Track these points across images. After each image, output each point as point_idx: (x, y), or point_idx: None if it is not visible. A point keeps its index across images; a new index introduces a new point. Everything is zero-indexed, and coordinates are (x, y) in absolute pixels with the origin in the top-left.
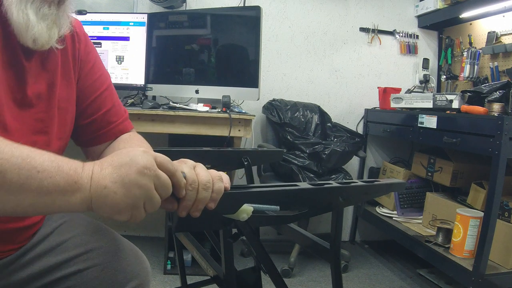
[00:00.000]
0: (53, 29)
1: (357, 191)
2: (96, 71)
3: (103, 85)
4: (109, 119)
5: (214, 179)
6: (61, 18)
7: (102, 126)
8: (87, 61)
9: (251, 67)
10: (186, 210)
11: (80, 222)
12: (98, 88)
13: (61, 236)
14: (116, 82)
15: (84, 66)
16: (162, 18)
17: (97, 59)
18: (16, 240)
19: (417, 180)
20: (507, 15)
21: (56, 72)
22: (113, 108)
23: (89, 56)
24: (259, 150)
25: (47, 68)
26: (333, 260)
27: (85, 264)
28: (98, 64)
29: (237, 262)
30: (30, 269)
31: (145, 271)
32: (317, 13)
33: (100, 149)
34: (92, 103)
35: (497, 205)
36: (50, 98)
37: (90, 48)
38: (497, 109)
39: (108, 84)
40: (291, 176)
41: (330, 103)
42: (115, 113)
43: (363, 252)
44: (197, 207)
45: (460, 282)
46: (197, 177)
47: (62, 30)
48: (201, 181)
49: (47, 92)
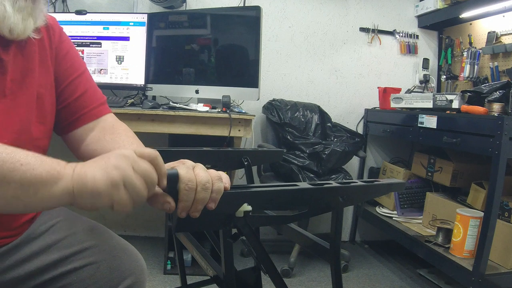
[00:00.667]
0: (28, 20)
1: (357, 191)
2: (69, 59)
3: (77, 71)
4: (83, 103)
5: (214, 179)
6: (36, 11)
7: (76, 111)
8: (61, 49)
9: (251, 67)
10: (185, 210)
11: (75, 220)
12: (71, 74)
13: (56, 235)
14: (116, 82)
15: (58, 53)
16: (162, 18)
17: (71, 48)
18: (10, 225)
19: (417, 180)
20: (507, 15)
21: (34, 59)
22: (87, 93)
23: (63, 45)
24: (259, 150)
25: (25, 56)
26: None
27: (80, 262)
28: (73, 52)
29: (237, 262)
30: (26, 267)
31: (140, 269)
32: (317, 13)
33: (78, 134)
34: (66, 89)
35: (497, 205)
36: (29, 84)
37: (64, 38)
38: (497, 109)
39: (82, 70)
40: (291, 176)
41: (330, 103)
42: (89, 98)
43: (363, 252)
44: (196, 208)
45: (460, 282)
46: (196, 177)
47: (38, 22)
48: (200, 182)
49: (26, 78)
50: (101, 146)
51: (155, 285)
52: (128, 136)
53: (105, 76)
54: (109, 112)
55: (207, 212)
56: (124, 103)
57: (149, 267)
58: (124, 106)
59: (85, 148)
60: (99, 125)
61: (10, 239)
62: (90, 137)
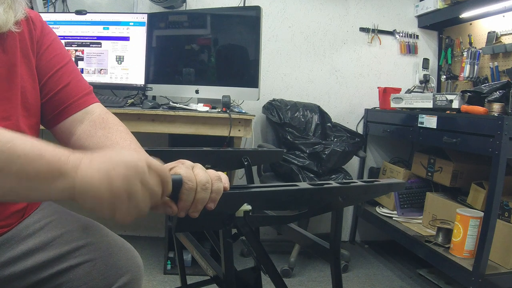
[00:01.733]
0: (9, 13)
1: (357, 191)
2: (52, 51)
3: (60, 63)
4: (68, 94)
5: (213, 180)
6: (16, 3)
7: (61, 102)
8: (43, 43)
9: (251, 67)
10: (185, 210)
11: (71, 218)
12: (54, 66)
13: (52, 233)
14: (116, 82)
15: (41, 47)
16: (162, 18)
17: (54, 41)
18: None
19: (417, 180)
20: (507, 15)
21: (16, 53)
22: (71, 84)
23: (45, 38)
24: (259, 150)
25: (7, 50)
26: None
27: (76, 260)
28: (56, 45)
29: (237, 262)
30: (21, 265)
31: (137, 266)
32: (317, 13)
33: (65, 127)
34: (49, 80)
35: (497, 205)
36: (12, 79)
37: (47, 31)
38: (497, 109)
39: (65, 62)
40: (291, 176)
41: (330, 103)
42: (74, 88)
43: (363, 252)
44: (195, 208)
45: (460, 282)
46: (195, 177)
47: (18, 15)
48: (199, 182)
49: (9, 74)
50: (93, 142)
51: (155, 285)
52: (120, 131)
53: (105, 76)
54: (96, 101)
55: (207, 212)
56: (124, 103)
57: (149, 267)
58: (124, 106)
59: (76, 142)
60: (87, 117)
61: (1, 230)
62: (80, 130)
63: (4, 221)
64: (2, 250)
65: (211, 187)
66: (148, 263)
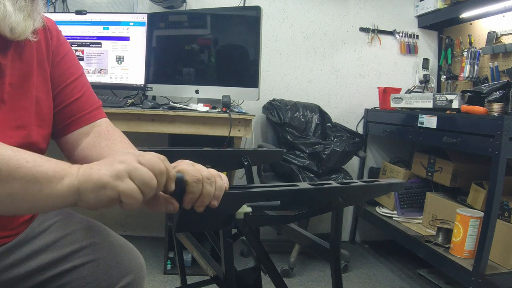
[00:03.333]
0: (28, 20)
1: (357, 191)
2: (66, 62)
3: (73, 75)
4: (79, 107)
5: (215, 176)
6: (35, 12)
7: (71, 114)
8: (58, 53)
9: (251, 67)
10: (192, 203)
11: (74, 219)
12: (68, 78)
13: (55, 234)
14: (116, 82)
15: (56, 57)
16: (162, 18)
17: (69, 51)
18: (9, 225)
19: (417, 180)
20: (507, 15)
21: (32, 62)
22: (83, 97)
23: (61, 48)
24: (259, 150)
25: (24, 59)
26: (333, 260)
27: (80, 260)
28: (70, 56)
29: (237, 262)
30: (26, 266)
31: (139, 266)
32: (317, 13)
33: (73, 138)
34: (62, 92)
35: (497, 205)
36: (27, 88)
37: (62, 41)
38: (497, 109)
39: (78, 75)
40: (291, 176)
41: (330, 103)
42: (85, 102)
43: (363, 252)
44: (202, 202)
45: (460, 282)
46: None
47: (36, 23)
48: (204, 175)
49: (24, 82)
50: (96, 152)
51: (155, 285)
52: (124, 142)
53: (105, 76)
54: (104, 116)
55: (207, 212)
56: (124, 103)
57: (149, 267)
58: (124, 106)
59: (80, 153)
60: (94, 129)
61: (9, 238)
62: (85, 142)
63: (13, 231)
64: (8, 254)
65: (215, 182)
66: (148, 263)
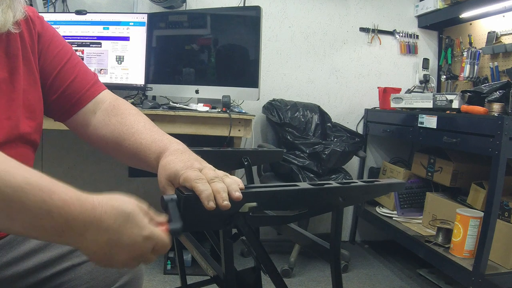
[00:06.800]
0: (8, 13)
1: (357, 191)
2: (54, 49)
3: (63, 60)
4: (76, 89)
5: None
6: (15, 3)
7: (71, 97)
8: (44, 41)
9: (251, 67)
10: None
11: None
12: (59, 64)
13: None
14: (116, 82)
15: (42, 46)
16: (162, 18)
17: (54, 36)
18: None
19: (417, 180)
20: (507, 15)
21: (18, 56)
22: (78, 77)
23: (45, 36)
24: (259, 150)
25: (9, 54)
26: (333, 260)
27: (78, 259)
28: (56, 41)
29: (237, 262)
30: (24, 265)
31: (138, 266)
32: (317, 13)
33: (80, 119)
34: (56, 78)
35: (497, 205)
36: (15, 83)
37: (46, 28)
38: (497, 109)
39: (68, 57)
40: (291, 176)
41: (330, 103)
42: (81, 81)
43: (363, 252)
44: (221, 196)
45: (460, 282)
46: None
47: (17, 15)
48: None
49: (11, 77)
50: (110, 130)
51: (155, 285)
52: (133, 114)
53: (105, 76)
54: (104, 88)
55: (207, 212)
56: None
57: (149, 267)
58: None
59: (94, 132)
60: (99, 106)
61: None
62: (95, 121)
63: None
64: (4, 251)
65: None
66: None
